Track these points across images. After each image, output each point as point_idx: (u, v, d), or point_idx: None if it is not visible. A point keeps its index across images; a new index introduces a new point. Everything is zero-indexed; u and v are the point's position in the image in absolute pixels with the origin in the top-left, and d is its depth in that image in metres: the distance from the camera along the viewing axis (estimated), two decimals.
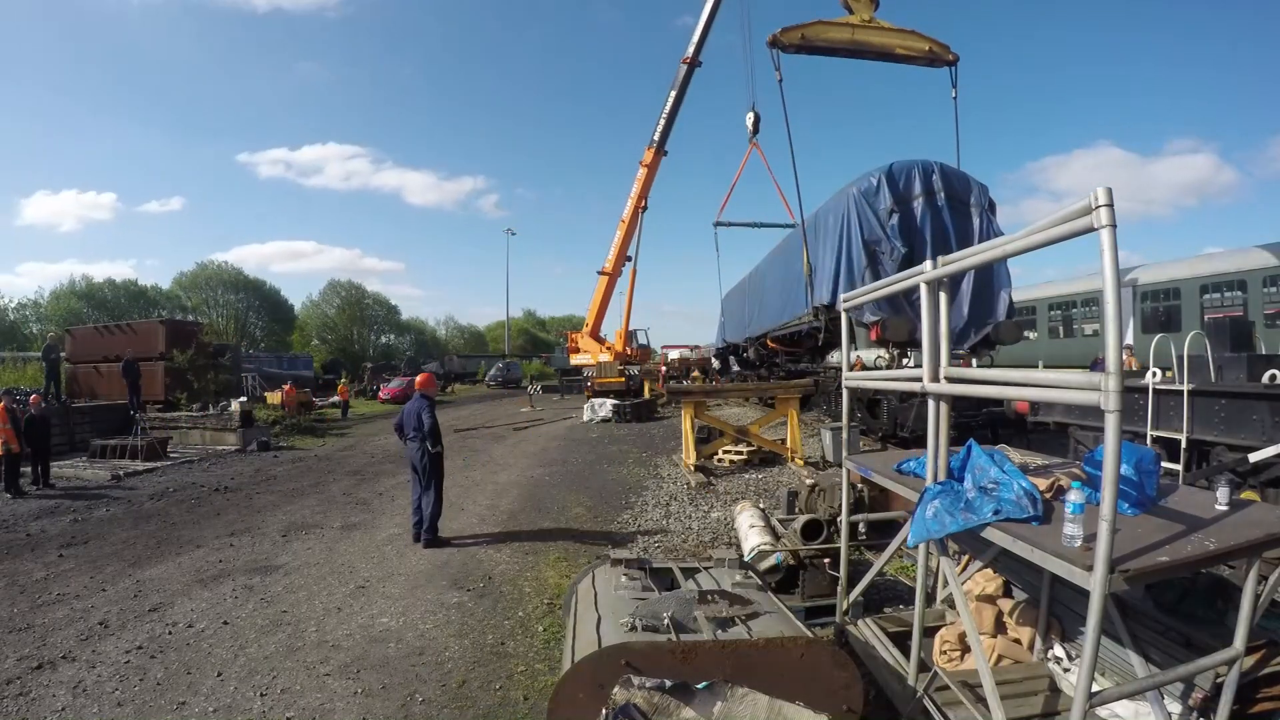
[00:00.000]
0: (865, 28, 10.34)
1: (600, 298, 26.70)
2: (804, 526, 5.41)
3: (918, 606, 3.27)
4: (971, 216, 9.74)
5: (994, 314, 9.60)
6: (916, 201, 9.65)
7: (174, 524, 8.10)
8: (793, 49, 10.10)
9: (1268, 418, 5.52)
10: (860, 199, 9.76)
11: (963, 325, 9.37)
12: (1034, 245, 2.29)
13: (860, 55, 10.69)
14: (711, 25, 22.33)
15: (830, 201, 11.26)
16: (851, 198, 9.91)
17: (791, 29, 9.99)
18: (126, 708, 3.78)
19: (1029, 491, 2.50)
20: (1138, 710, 2.77)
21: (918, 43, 10.65)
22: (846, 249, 9.90)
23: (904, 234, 9.39)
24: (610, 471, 11.18)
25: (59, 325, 33.28)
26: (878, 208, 9.64)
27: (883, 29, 10.49)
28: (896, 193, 9.61)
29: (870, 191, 9.74)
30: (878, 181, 9.73)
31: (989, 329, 9.51)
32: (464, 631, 4.74)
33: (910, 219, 9.59)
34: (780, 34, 9.93)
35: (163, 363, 18.60)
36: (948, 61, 10.88)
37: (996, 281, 9.77)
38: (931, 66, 10.98)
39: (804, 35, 10.05)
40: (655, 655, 2.57)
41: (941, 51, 10.77)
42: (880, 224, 9.55)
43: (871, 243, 9.53)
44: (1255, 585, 2.34)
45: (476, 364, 53.02)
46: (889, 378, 5.03)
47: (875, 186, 9.73)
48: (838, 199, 10.68)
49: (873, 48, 10.53)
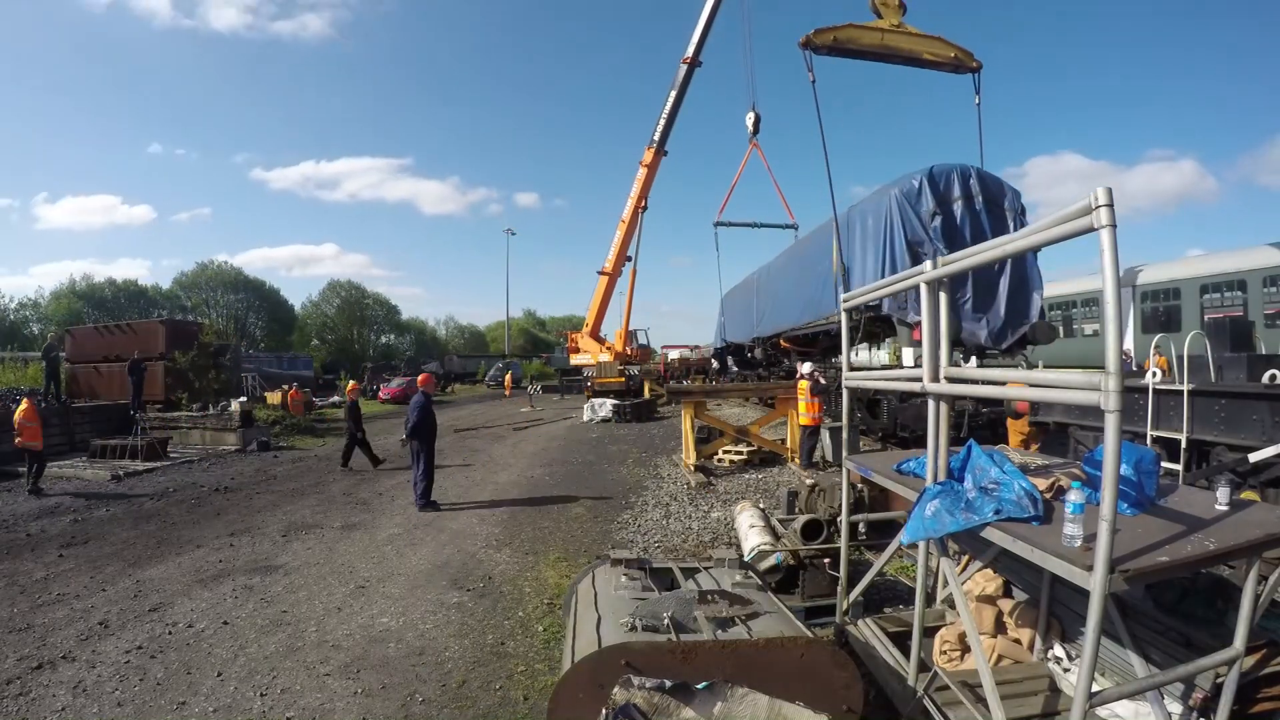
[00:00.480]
0: (894, 32, 10.43)
1: (600, 298, 26.70)
2: (804, 526, 5.41)
3: (918, 606, 3.27)
4: (1007, 220, 9.85)
5: (1029, 315, 9.72)
6: (956, 204, 9.78)
7: (174, 524, 8.10)
8: (824, 50, 10.16)
9: (1268, 418, 5.52)
10: (903, 200, 9.82)
11: (1000, 326, 9.50)
12: (1034, 245, 2.29)
13: (888, 59, 10.76)
14: (712, 25, 22.35)
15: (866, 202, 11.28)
16: (894, 199, 9.97)
17: (824, 30, 10.06)
18: (126, 708, 3.77)
19: (1030, 492, 2.50)
20: (1138, 710, 2.77)
21: (944, 49, 10.74)
22: (890, 250, 9.95)
23: (945, 236, 9.46)
24: (610, 471, 11.18)
25: (59, 325, 33.33)
26: (920, 210, 9.74)
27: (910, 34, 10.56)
28: (938, 195, 9.71)
29: (912, 194, 9.82)
30: (919, 184, 9.81)
31: (1025, 329, 9.63)
32: (464, 631, 4.74)
33: (951, 221, 9.73)
34: (813, 35, 10.00)
35: (163, 363, 18.60)
36: (971, 68, 10.98)
37: (1030, 283, 9.88)
38: (956, 72, 11.08)
39: (836, 38, 10.12)
40: (655, 655, 2.57)
41: (965, 58, 10.88)
42: (923, 226, 9.66)
43: (915, 244, 9.62)
44: (1255, 585, 2.34)
45: (476, 364, 53.01)
46: (889, 378, 5.03)
47: (917, 189, 9.81)
48: (876, 200, 10.72)
49: (901, 52, 10.61)
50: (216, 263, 55.10)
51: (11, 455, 12.92)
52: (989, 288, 9.59)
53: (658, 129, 24.04)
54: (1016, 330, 9.60)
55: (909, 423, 10.44)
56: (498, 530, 7.49)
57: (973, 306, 9.44)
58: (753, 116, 21.64)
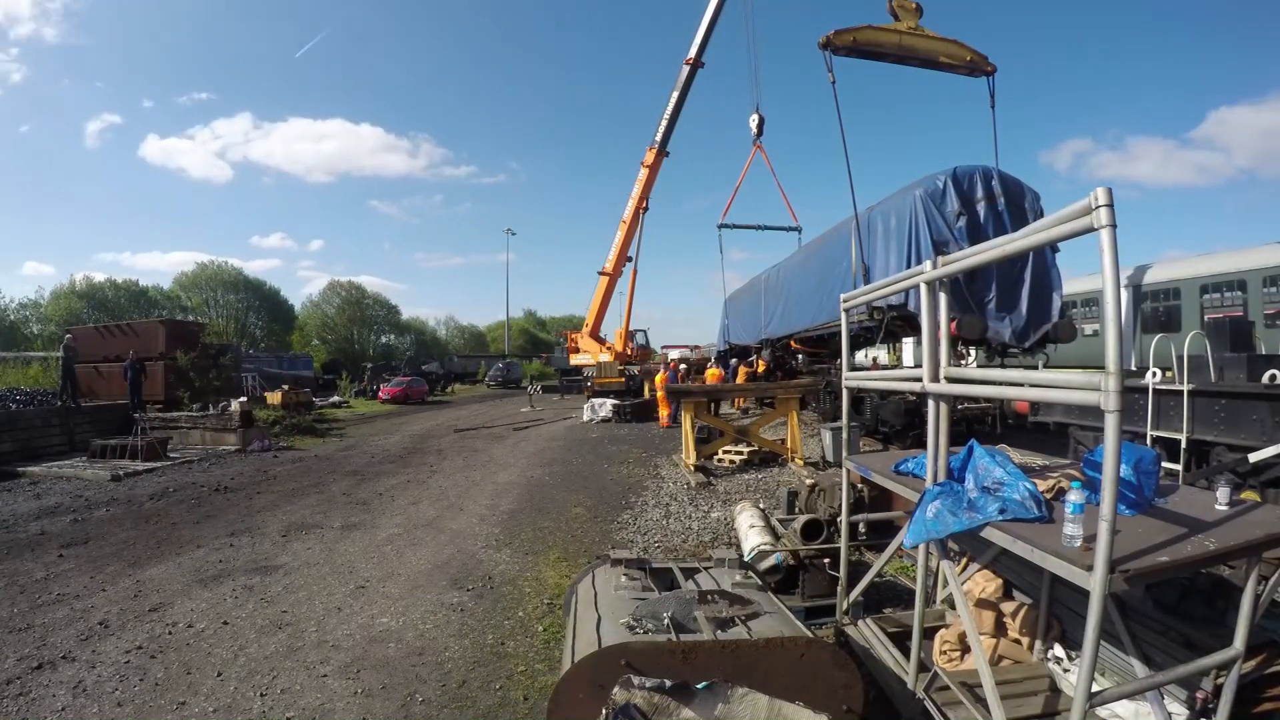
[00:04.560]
0: (912, 35, 10.49)
1: (600, 298, 26.72)
2: (804, 526, 5.41)
3: (918, 607, 3.26)
4: (1028, 220, 9.84)
5: (1050, 314, 9.80)
6: (980, 205, 9.85)
7: (174, 524, 8.10)
8: (844, 51, 10.21)
9: (1268, 418, 5.53)
10: (927, 200, 9.85)
11: (1023, 325, 9.59)
12: (1034, 245, 2.29)
13: (906, 61, 10.81)
14: (715, 26, 22.36)
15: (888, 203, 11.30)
16: (918, 199, 9.99)
17: (843, 32, 10.11)
18: (126, 708, 3.77)
19: (1034, 493, 2.49)
20: (1138, 710, 2.77)
21: (960, 52, 10.81)
22: (915, 249, 9.99)
23: (970, 236, 9.50)
24: (610, 471, 11.18)
25: (59, 326, 33.32)
26: (945, 210, 9.81)
27: (928, 37, 10.63)
28: (962, 195, 9.74)
29: (936, 194, 9.84)
30: (944, 184, 9.85)
31: (1047, 328, 9.74)
32: (464, 631, 4.74)
33: (975, 221, 9.79)
34: (833, 36, 10.05)
35: (163, 363, 18.60)
36: (986, 72, 11.03)
37: (1052, 283, 9.95)
38: (971, 76, 11.14)
39: (855, 39, 10.18)
40: (655, 655, 2.57)
41: (981, 61, 10.94)
42: (948, 225, 9.73)
43: (940, 243, 9.66)
44: (1255, 585, 2.34)
45: (477, 364, 52.99)
46: (890, 377, 5.03)
47: (941, 189, 9.83)
48: (900, 201, 10.75)
49: (919, 54, 10.67)
50: (217, 263, 55.18)
51: (11, 455, 12.97)
52: (1012, 287, 9.64)
53: (659, 129, 24.06)
54: (1039, 329, 9.70)
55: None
56: (498, 530, 7.49)
57: (996, 306, 9.49)
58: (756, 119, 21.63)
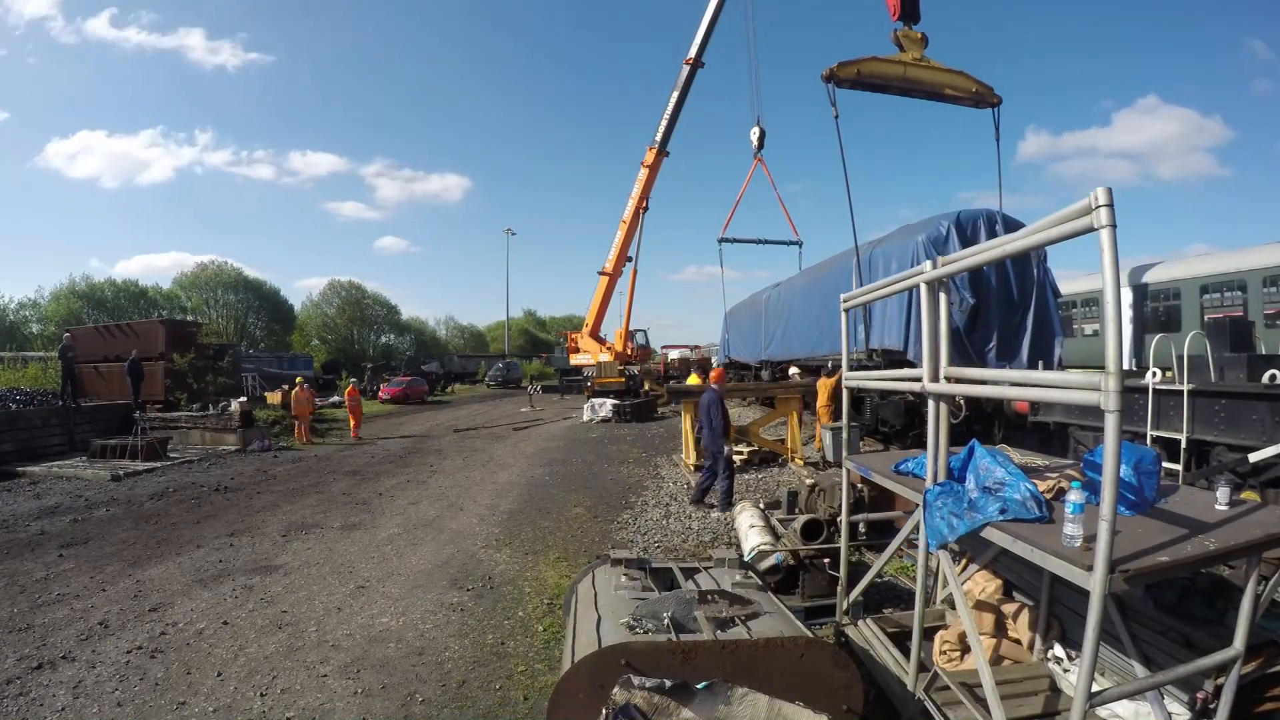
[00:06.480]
0: (916, 66, 10.41)
1: (600, 298, 26.71)
2: (804, 526, 5.41)
3: (918, 607, 3.26)
4: (1031, 265, 9.83)
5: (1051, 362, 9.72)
6: None
7: (174, 524, 8.10)
8: (848, 84, 10.12)
9: (1268, 418, 5.53)
10: (929, 246, 9.77)
11: None
12: (1034, 245, 2.29)
13: (911, 93, 10.72)
14: (715, 26, 22.35)
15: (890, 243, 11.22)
16: (920, 245, 9.95)
17: (848, 64, 10.01)
18: (126, 708, 3.78)
19: (1035, 494, 2.49)
20: (1138, 710, 2.77)
21: (965, 83, 10.74)
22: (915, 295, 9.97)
23: (972, 284, 9.44)
24: (610, 471, 11.18)
25: (59, 325, 33.32)
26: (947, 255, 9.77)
27: (933, 68, 10.54)
28: (964, 240, 9.62)
29: (939, 240, 9.77)
30: (946, 230, 9.78)
31: None
32: (464, 631, 4.74)
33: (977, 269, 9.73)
34: (837, 68, 9.96)
35: (163, 363, 18.60)
36: (991, 103, 10.96)
37: (1052, 329, 9.91)
38: (976, 107, 11.06)
39: (859, 71, 10.08)
40: (655, 655, 2.57)
41: (986, 93, 10.87)
42: None
43: None
44: (1255, 585, 2.34)
45: (476, 364, 52.96)
46: (890, 378, 5.03)
47: (944, 235, 9.76)
48: (901, 242, 10.69)
49: (924, 86, 10.59)
50: (216, 263, 55.14)
51: (11, 455, 12.97)
52: (1013, 335, 9.60)
53: (659, 129, 24.05)
54: None
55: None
56: (498, 530, 7.49)
57: (997, 354, 9.45)
58: (757, 132, 21.57)
